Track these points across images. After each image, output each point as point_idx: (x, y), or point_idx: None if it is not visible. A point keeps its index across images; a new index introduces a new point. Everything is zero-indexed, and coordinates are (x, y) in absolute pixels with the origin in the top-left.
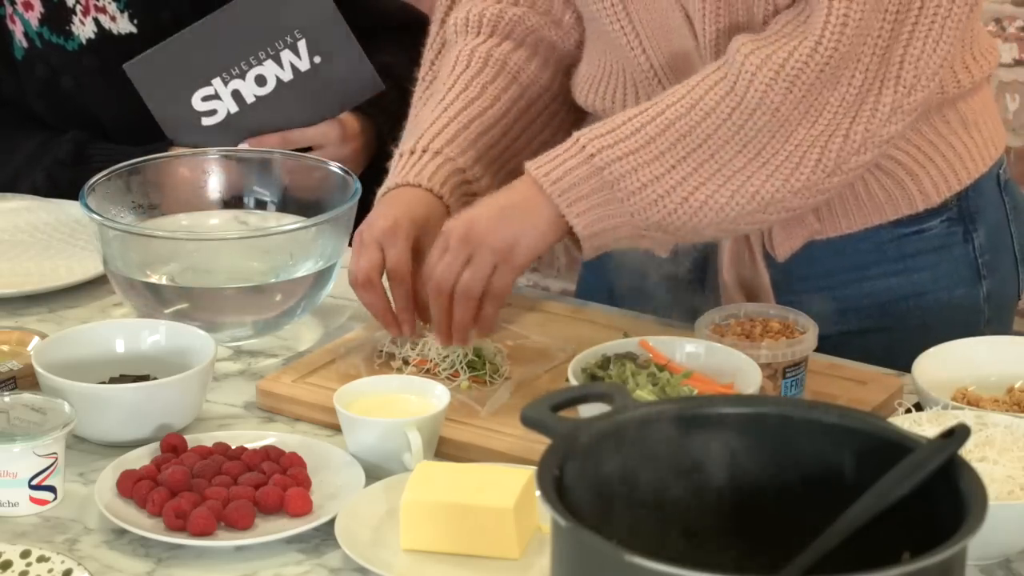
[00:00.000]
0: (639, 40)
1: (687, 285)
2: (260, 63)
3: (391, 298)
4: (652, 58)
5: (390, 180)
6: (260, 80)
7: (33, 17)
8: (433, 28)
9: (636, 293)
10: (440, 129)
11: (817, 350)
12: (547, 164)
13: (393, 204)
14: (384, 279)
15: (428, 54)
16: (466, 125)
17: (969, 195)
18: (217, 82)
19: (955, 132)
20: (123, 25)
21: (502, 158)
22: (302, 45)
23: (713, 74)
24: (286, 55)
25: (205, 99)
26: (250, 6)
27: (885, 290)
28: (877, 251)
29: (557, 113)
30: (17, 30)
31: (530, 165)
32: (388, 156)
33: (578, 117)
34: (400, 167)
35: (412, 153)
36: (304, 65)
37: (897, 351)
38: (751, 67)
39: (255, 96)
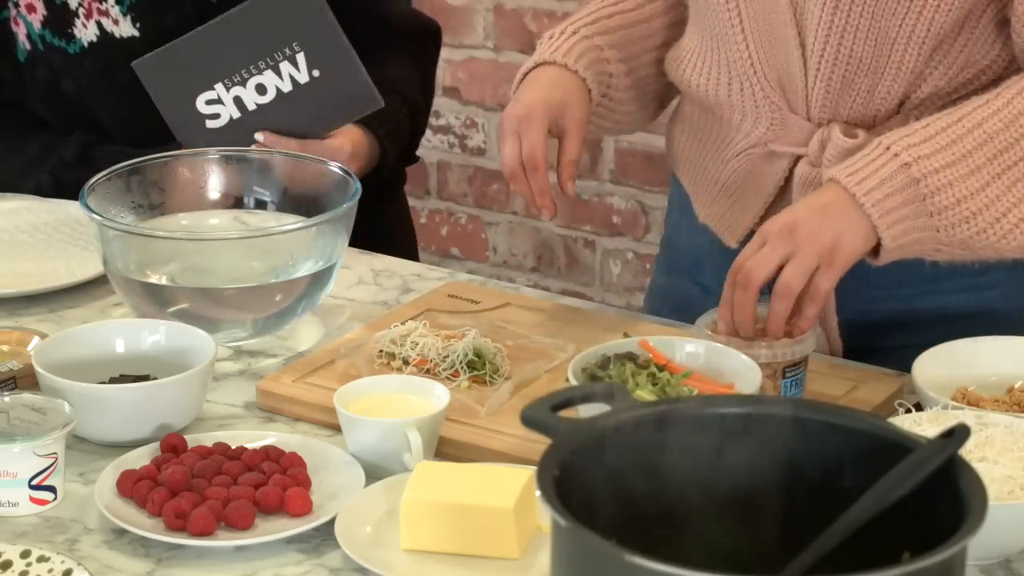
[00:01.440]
0: (740, 20)
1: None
2: (260, 72)
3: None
4: (750, 42)
5: (529, 61)
6: (260, 89)
7: (36, 19)
8: None
9: (716, 297)
10: (582, 16)
11: (882, 362)
12: (859, 172)
13: (530, 88)
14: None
15: None
16: (608, 15)
17: None
18: (220, 87)
19: None
20: (125, 28)
21: (637, 56)
22: (301, 58)
23: None
24: (285, 66)
25: (209, 103)
26: (251, 15)
27: (955, 305)
28: (951, 265)
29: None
30: (20, 32)
31: (839, 173)
32: (394, 171)
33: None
34: (541, 48)
35: (551, 37)
36: (303, 78)
37: None
38: None
39: (256, 104)
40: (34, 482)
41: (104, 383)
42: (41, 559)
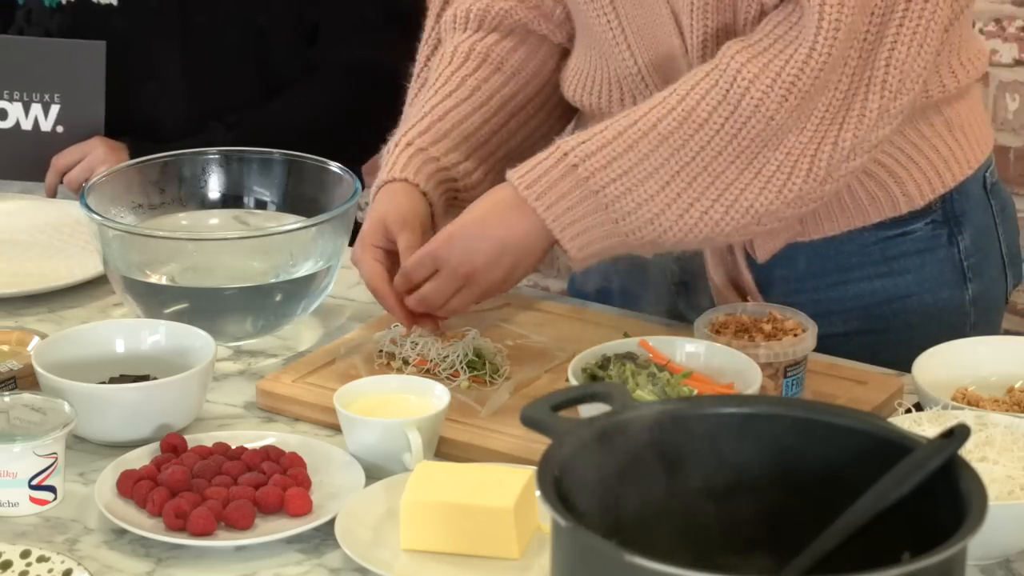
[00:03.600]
0: (624, 36)
1: (675, 285)
2: (11, 100)
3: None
4: (637, 56)
5: (381, 174)
6: (2, 113)
7: None
8: (428, 24)
9: (625, 294)
10: (415, 122)
11: None
12: (538, 185)
13: (377, 206)
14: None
15: (423, 50)
16: (440, 117)
17: (954, 198)
18: None
19: (939, 135)
20: None
21: (487, 145)
22: (54, 110)
23: (703, 81)
24: (35, 108)
25: None
26: (39, 48)
27: (869, 293)
28: (860, 253)
29: (549, 99)
30: None
31: (519, 183)
32: None
33: (570, 106)
34: (387, 162)
35: (396, 146)
36: (46, 126)
37: (882, 353)
38: (747, 76)
39: None
40: (34, 482)
41: (104, 383)
42: (41, 559)
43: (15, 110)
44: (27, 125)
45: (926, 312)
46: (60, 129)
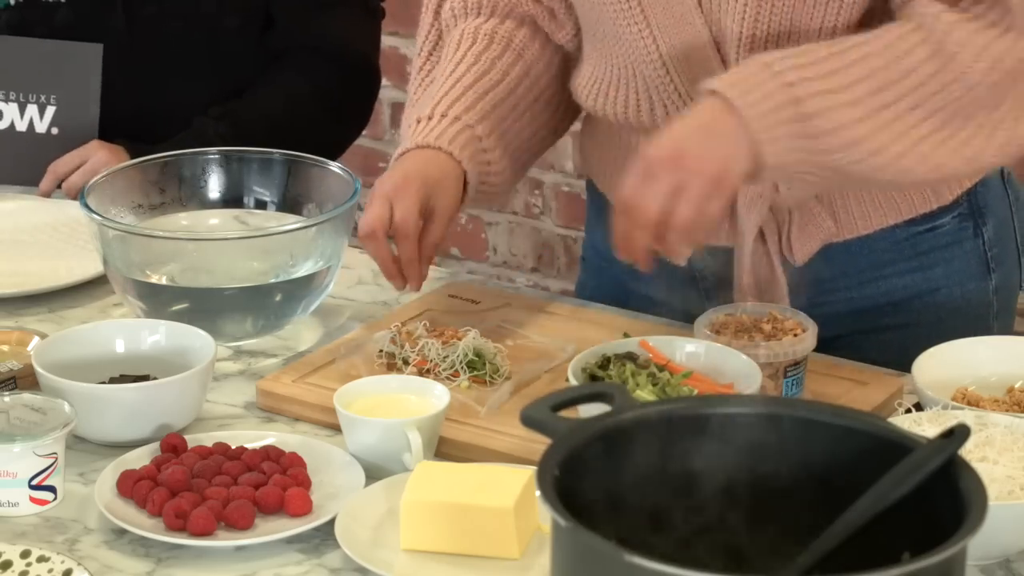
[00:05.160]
0: (650, 30)
1: (700, 292)
2: (6, 101)
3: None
4: (663, 51)
5: (405, 143)
6: None
7: None
8: (427, 19)
9: (646, 299)
10: (457, 96)
11: (833, 350)
12: (740, 85)
13: (407, 162)
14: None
15: (424, 46)
16: (482, 95)
17: (978, 190)
18: None
19: None
20: None
21: (510, 132)
22: (50, 111)
23: (912, 34)
24: (31, 109)
25: None
26: (37, 48)
27: (901, 288)
28: (893, 250)
29: (555, 96)
30: None
31: (720, 85)
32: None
33: (576, 107)
34: (417, 131)
35: (430, 119)
36: (40, 128)
37: (912, 348)
38: (957, 40)
39: None
40: (34, 482)
41: (104, 383)
42: (41, 559)
43: (10, 111)
44: (22, 126)
45: (954, 304)
46: (55, 131)
